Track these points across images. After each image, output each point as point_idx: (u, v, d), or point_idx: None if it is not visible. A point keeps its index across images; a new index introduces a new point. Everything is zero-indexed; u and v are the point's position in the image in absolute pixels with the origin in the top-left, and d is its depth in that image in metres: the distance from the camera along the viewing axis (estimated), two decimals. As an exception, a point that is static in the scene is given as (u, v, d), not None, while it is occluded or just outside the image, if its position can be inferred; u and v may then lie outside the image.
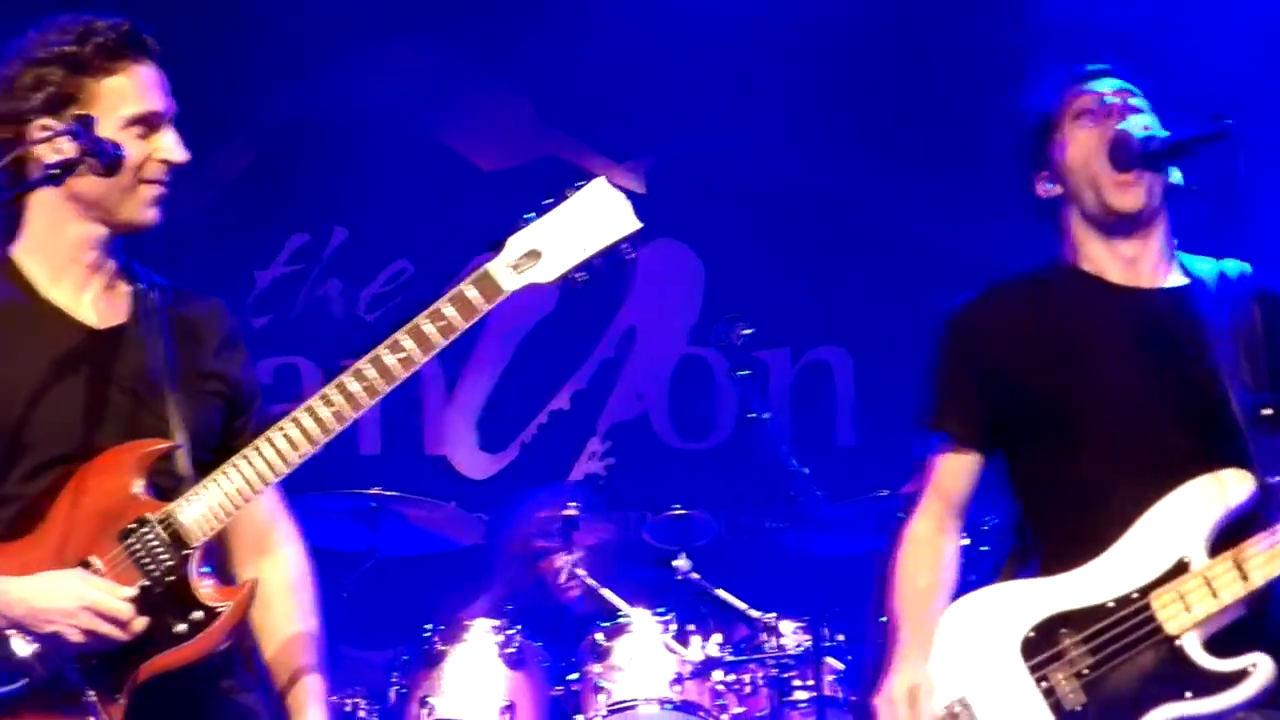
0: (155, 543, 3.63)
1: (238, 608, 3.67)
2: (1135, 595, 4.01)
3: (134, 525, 3.64)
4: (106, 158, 3.67)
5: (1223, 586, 3.94)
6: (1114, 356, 4.17)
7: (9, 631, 3.55)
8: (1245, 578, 3.92)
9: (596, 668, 7.00)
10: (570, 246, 3.77)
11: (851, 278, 9.12)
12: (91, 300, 3.83)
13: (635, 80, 9.07)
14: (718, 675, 6.98)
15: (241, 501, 3.68)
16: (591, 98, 9.32)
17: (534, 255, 3.80)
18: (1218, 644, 3.95)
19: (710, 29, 8.88)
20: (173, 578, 3.63)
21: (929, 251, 9.03)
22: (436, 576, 8.43)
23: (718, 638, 7.05)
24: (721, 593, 7.27)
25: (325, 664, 3.99)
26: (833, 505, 6.86)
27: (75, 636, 3.52)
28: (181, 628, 3.62)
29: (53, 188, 3.70)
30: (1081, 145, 4.23)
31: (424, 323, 3.78)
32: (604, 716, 6.89)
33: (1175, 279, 4.25)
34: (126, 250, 3.91)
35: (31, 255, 3.82)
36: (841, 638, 7.06)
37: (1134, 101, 4.23)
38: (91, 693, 3.57)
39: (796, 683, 6.97)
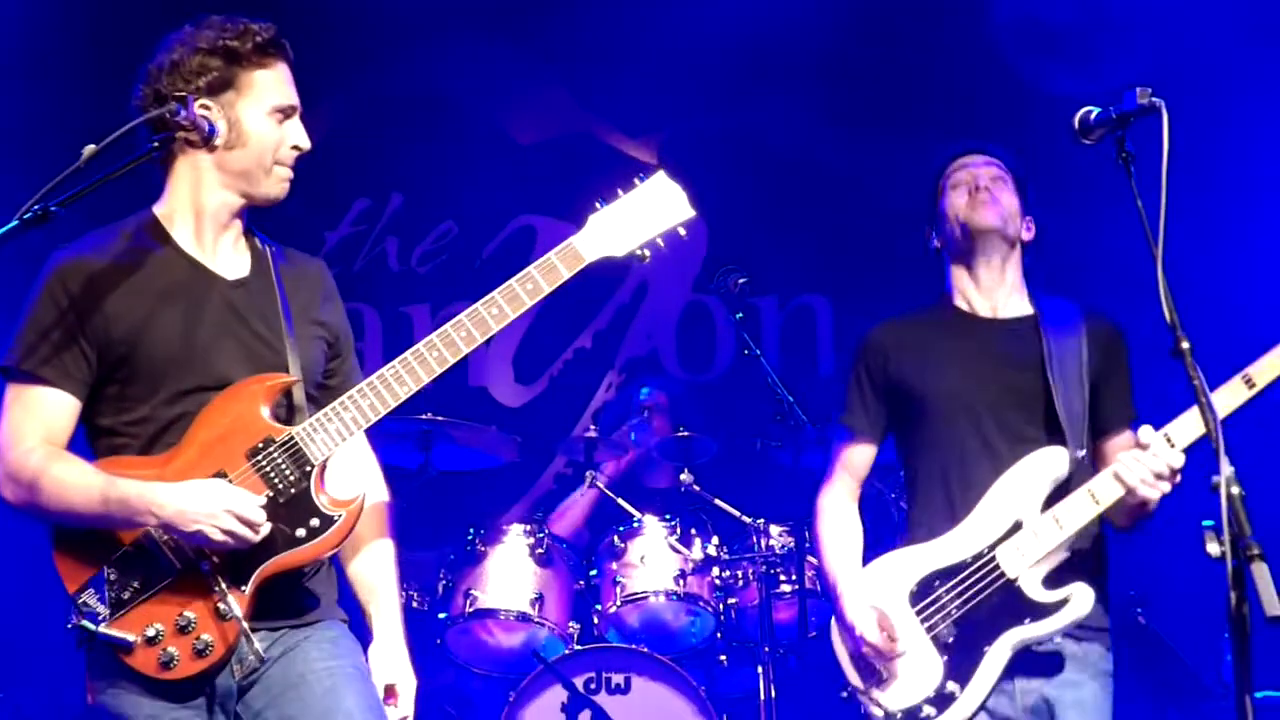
0: (280, 460, 3.69)
1: (351, 516, 3.72)
2: (985, 550, 4.57)
3: (261, 445, 3.70)
4: (201, 133, 3.74)
5: (1045, 535, 4.51)
6: (969, 368, 4.73)
7: (158, 529, 3.62)
8: (1061, 526, 4.50)
9: (613, 565, 7.05)
10: (637, 228, 3.96)
11: (831, 235, 9.11)
12: (222, 255, 3.88)
13: (651, 68, 9.03)
14: (716, 571, 7.03)
15: (356, 429, 3.75)
16: (614, 82, 9.30)
17: (608, 233, 3.94)
18: (1052, 580, 4.50)
19: (715, 26, 8.84)
20: (294, 490, 3.69)
21: (896, 214, 9.01)
22: (479, 488, 8.47)
23: (715, 540, 7.09)
24: (719, 501, 7.30)
25: (399, 574, 4.06)
26: (814, 427, 6.87)
27: (216, 535, 3.57)
28: (301, 532, 3.68)
29: (208, 156, 3.79)
30: (952, 202, 4.85)
31: (516, 285, 3.85)
32: (619, 606, 6.95)
33: (1022, 309, 4.82)
34: (250, 215, 3.96)
35: (173, 215, 3.86)
36: (820, 539, 7.10)
37: (1000, 187, 4.82)
38: (223, 582, 3.63)
39: (782, 578, 7.01)
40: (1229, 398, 4.37)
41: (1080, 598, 4.47)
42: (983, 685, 4.48)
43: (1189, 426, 4.38)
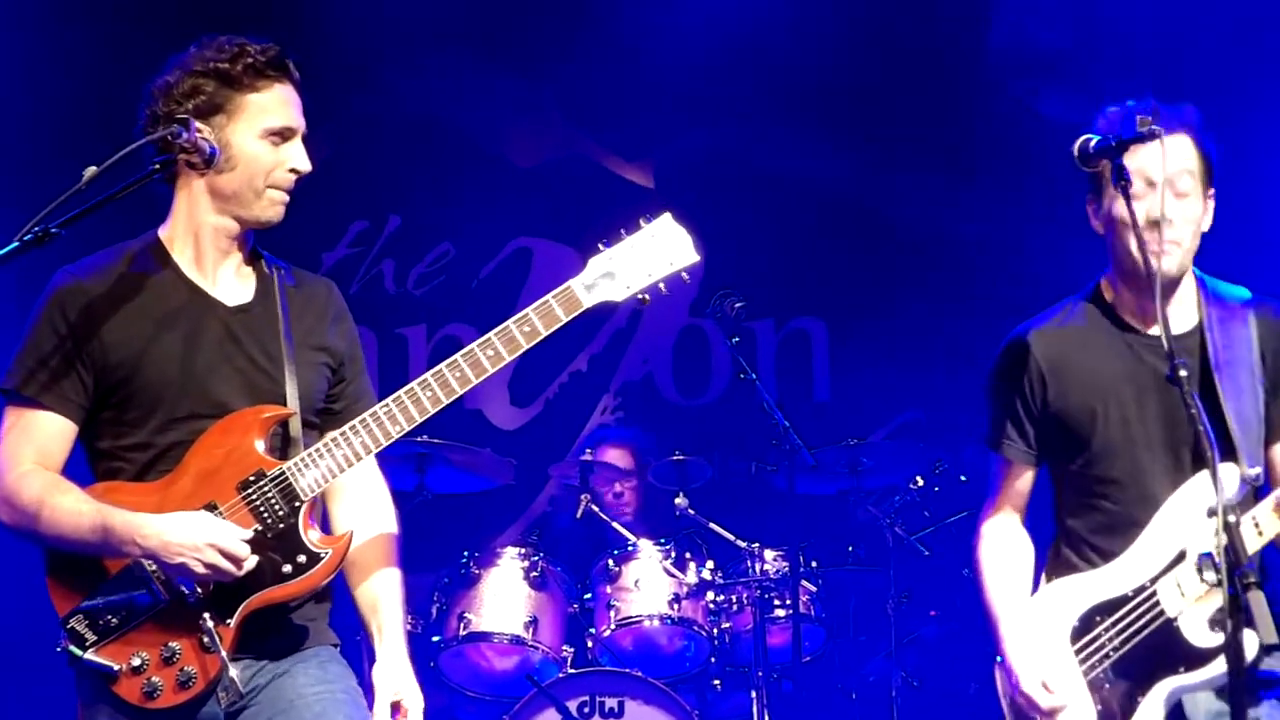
0: (270, 494, 3.68)
1: (337, 555, 3.71)
2: (1147, 584, 4.09)
3: (252, 478, 3.68)
4: (202, 155, 3.73)
5: (1207, 569, 3.95)
6: (1133, 394, 4.19)
7: (143, 560, 3.61)
8: (1224, 562, 3.71)
9: (607, 588, 7.04)
10: (639, 271, 3.84)
11: (826, 259, 9.12)
12: (224, 280, 3.86)
13: (645, 93, 9.07)
14: (710, 596, 7.01)
15: (347, 466, 3.74)
16: (610, 105, 9.32)
17: (609, 276, 3.83)
18: (1218, 622, 3.91)
19: (710, 49, 8.85)
20: (283, 525, 3.68)
21: (893, 236, 9.04)
22: (473, 511, 8.46)
23: (710, 564, 7.06)
24: (714, 526, 7.26)
25: (405, 598, 4.03)
26: (809, 451, 6.87)
27: (199, 569, 3.56)
28: (288, 568, 3.67)
29: (201, 180, 3.77)
30: (1127, 221, 4.02)
31: (513, 328, 3.78)
32: (613, 630, 6.94)
33: (1189, 321, 4.20)
34: (254, 238, 3.94)
35: (176, 238, 3.85)
36: (815, 564, 7.10)
37: (1186, 211, 4.08)
38: (207, 616, 3.62)
39: (776, 602, 7.01)
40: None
41: (1245, 645, 3.70)
42: None
43: None
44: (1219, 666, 3.93)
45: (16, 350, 3.76)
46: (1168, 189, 4.04)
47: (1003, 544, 4.42)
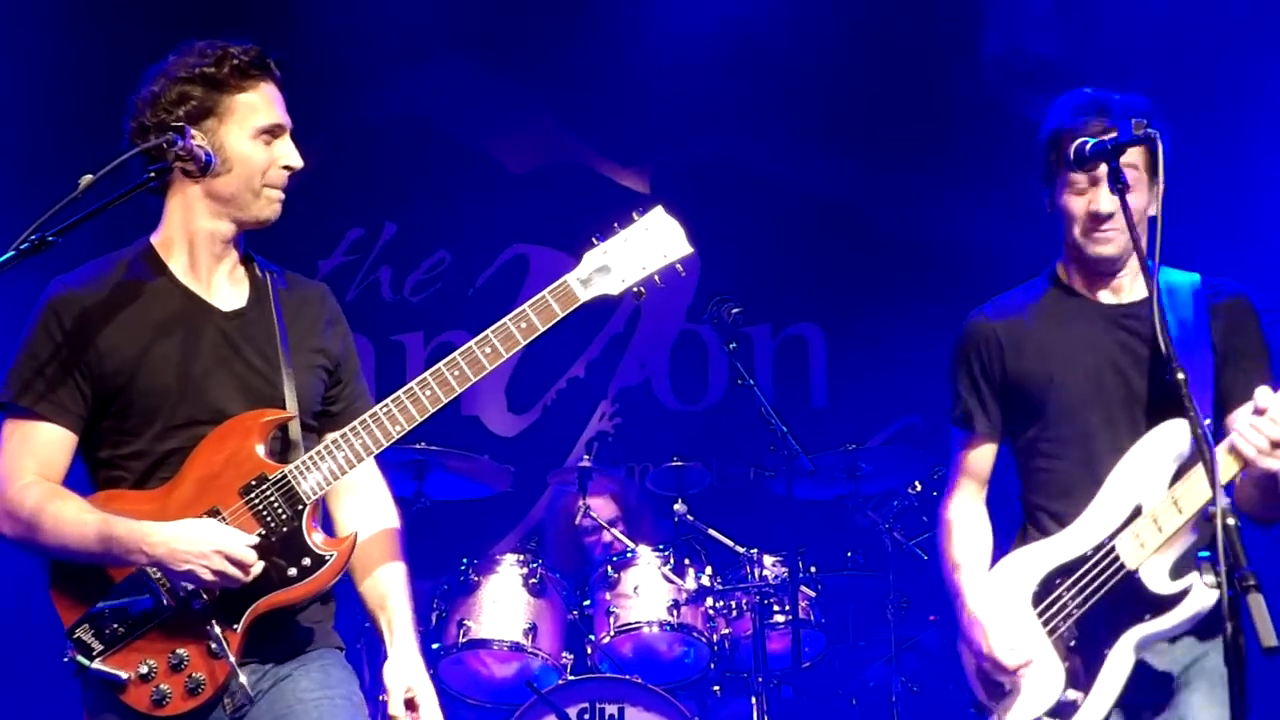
0: (273, 498, 3.69)
1: (342, 556, 3.72)
2: (1105, 540, 4.20)
3: (254, 482, 3.69)
4: (198, 162, 3.73)
5: (1165, 520, 4.10)
6: (1092, 360, 4.37)
7: (149, 568, 3.61)
8: (1180, 510, 4.08)
9: (607, 595, 7.03)
10: (634, 265, 3.85)
11: (823, 265, 9.12)
12: (218, 285, 3.87)
13: (640, 98, 9.06)
14: (709, 602, 7.00)
15: (349, 468, 3.75)
16: (605, 111, 9.32)
17: (604, 270, 3.85)
18: (1179, 569, 4.11)
19: (701, 59, 8.85)
20: (286, 529, 3.68)
21: (891, 242, 9.04)
22: (471, 518, 8.46)
23: (709, 570, 7.06)
24: (713, 532, 7.26)
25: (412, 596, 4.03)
26: (807, 457, 6.87)
27: (206, 575, 3.56)
28: (293, 571, 3.68)
29: (196, 186, 3.77)
30: (1067, 210, 4.36)
31: (510, 324, 3.80)
32: (613, 636, 6.93)
33: (1141, 291, 4.36)
34: (246, 242, 3.95)
35: (169, 244, 3.85)
36: (814, 569, 7.09)
37: (1123, 205, 4.12)
38: (214, 622, 3.62)
39: (776, 608, 7.01)
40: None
41: (1200, 592, 4.08)
42: (1106, 693, 4.15)
43: None
44: (1184, 612, 4.08)
45: (10, 363, 3.75)
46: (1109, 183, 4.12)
47: (964, 522, 4.56)
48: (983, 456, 4.59)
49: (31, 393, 3.71)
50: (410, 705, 3.83)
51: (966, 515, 4.58)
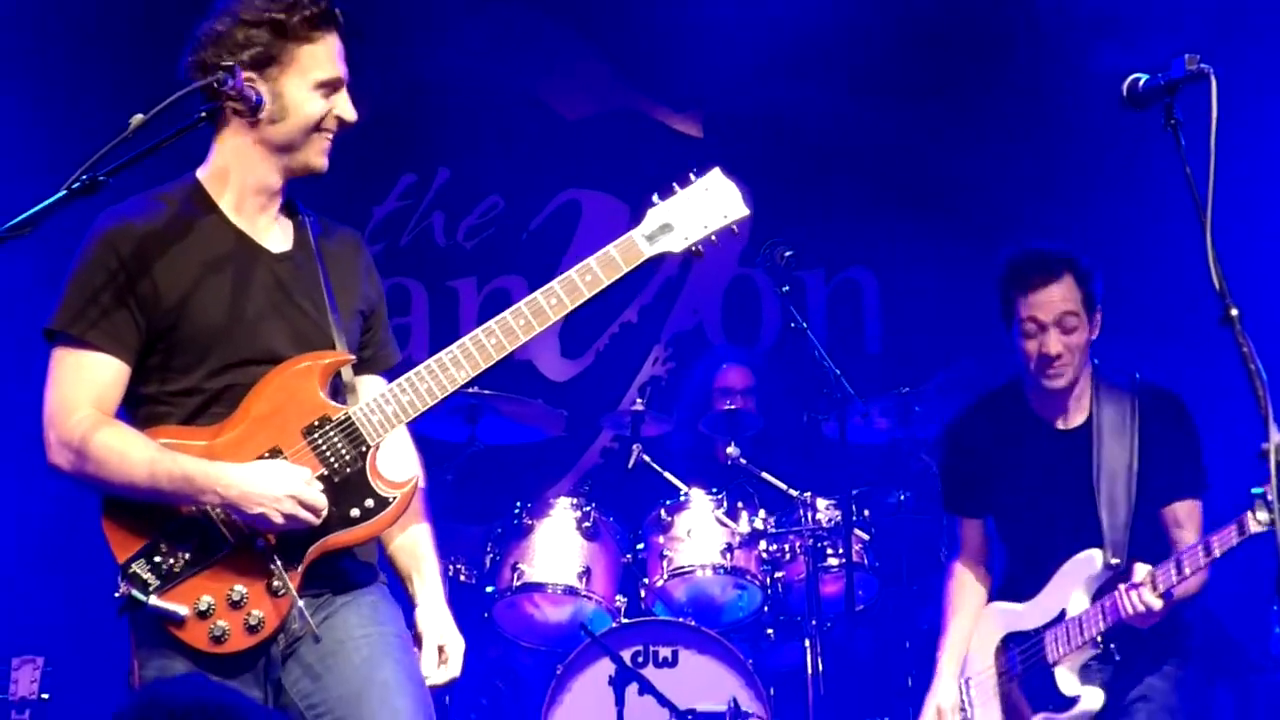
0: (336, 440, 3.71)
1: (405, 498, 3.75)
2: (1041, 629, 5.11)
3: (316, 423, 3.71)
4: (248, 104, 3.72)
5: (1072, 634, 4.98)
6: (1031, 482, 5.27)
7: (219, 509, 3.62)
8: (1082, 632, 4.95)
9: (660, 538, 7.07)
10: (696, 223, 3.93)
11: (876, 209, 9.05)
12: (265, 227, 3.87)
13: (695, 43, 9.01)
14: (762, 545, 7.04)
15: (413, 412, 3.76)
16: (658, 57, 9.29)
17: (667, 228, 3.91)
18: (1089, 672, 5.01)
19: (755, 4, 8.83)
20: (350, 470, 3.71)
21: (942, 188, 8.98)
22: (525, 462, 8.50)
23: (762, 513, 7.09)
24: (766, 475, 7.27)
25: (438, 547, 4.07)
26: (860, 400, 6.86)
27: (277, 519, 3.59)
28: (355, 513, 3.71)
29: (249, 133, 3.77)
30: (1025, 350, 5.15)
31: (575, 276, 3.82)
32: (666, 580, 6.97)
33: (1082, 416, 5.22)
34: (296, 187, 3.96)
35: (217, 182, 3.84)
36: (867, 513, 7.11)
37: (1071, 344, 5.05)
38: (277, 560, 3.65)
39: (829, 551, 7.03)
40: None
41: (1089, 700, 4.94)
42: None
43: (1170, 573, 4.72)
44: (1070, 716, 4.97)
45: (61, 293, 3.70)
46: (1056, 329, 5.02)
47: (960, 587, 5.53)
48: (974, 533, 5.54)
49: (84, 321, 3.65)
50: (439, 653, 3.90)
51: (964, 580, 5.55)
